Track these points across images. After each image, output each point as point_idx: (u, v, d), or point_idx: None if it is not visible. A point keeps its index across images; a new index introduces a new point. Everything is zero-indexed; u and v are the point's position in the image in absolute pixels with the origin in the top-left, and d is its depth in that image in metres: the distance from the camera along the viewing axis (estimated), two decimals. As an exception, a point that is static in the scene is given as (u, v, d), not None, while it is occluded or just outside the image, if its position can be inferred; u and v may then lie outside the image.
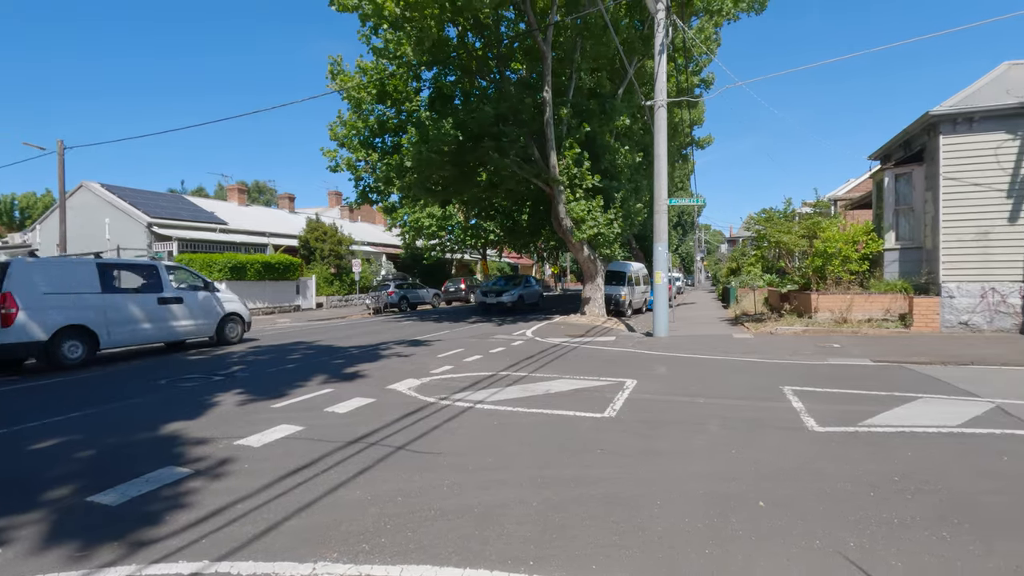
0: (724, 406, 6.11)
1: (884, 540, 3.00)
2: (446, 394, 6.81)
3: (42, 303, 9.38)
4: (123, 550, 2.99)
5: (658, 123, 12.92)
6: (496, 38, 17.48)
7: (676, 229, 70.20)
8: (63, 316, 9.58)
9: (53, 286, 9.63)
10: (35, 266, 9.78)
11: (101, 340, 10.12)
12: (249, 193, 48.72)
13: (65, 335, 9.59)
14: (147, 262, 11.90)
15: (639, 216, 19.80)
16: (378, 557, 2.88)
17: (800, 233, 15.25)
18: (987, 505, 3.42)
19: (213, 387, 7.59)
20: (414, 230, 34.93)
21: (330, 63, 17.38)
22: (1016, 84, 12.56)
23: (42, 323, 9.30)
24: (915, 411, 5.74)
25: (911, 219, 13.77)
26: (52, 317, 9.43)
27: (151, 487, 3.88)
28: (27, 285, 9.26)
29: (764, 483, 3.84)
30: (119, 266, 11.12)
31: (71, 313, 9.70)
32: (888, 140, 15.07)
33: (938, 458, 4.30)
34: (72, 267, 10.20)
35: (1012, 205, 11.91)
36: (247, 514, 3.41)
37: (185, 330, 11.66)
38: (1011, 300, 11.97)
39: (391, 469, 4.20)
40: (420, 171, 16.64)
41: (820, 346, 10.69)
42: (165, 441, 5.03)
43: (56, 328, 9.44)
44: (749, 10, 18.31)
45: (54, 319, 9.45)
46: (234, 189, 35.24)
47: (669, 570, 2.74)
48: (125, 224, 23.67)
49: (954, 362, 8.69)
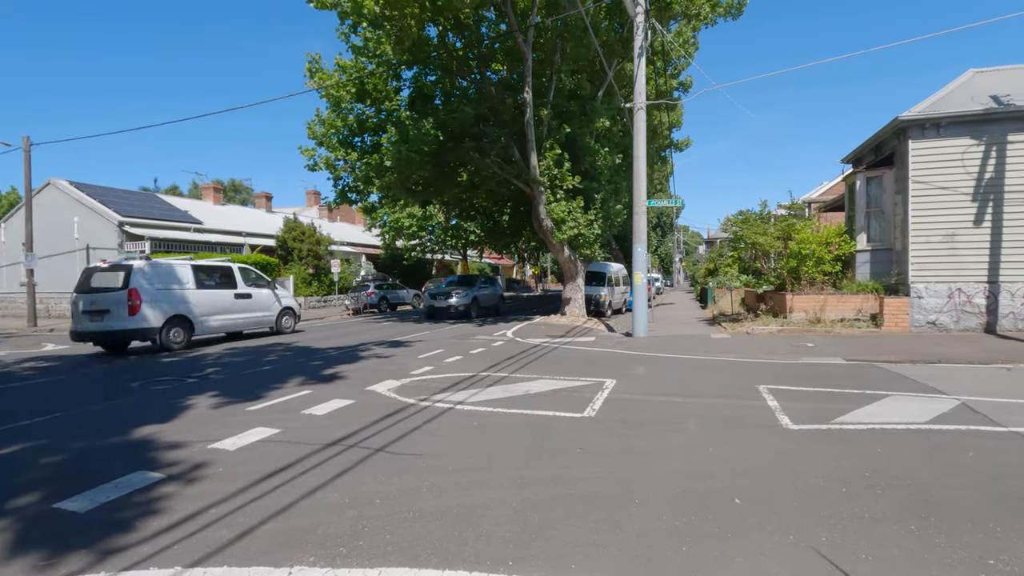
0: (702, 405, 6.19)
1: (855, 534, 3.07)
2: (426, 395, 6.78)
3: (155, 297, 11.57)
4: (92, 557, 2.91)
5: (637, 125, 13.05)
6: (476, 38, 17.47)
7: (655, 230, 70.92)
8: (171, 308, 11.81)
9: (163, 283, 11.83)
10: (150, 267, 11.83)
11: (196, 328, 12.34)
12: (225, 192, 47.84)
13: (171, 323, 11.76)
14: (225, 264, 13.97)
15: (619, 217, 19.96)
16: (356, 560, 2.86)
17: (775, 235, 15.53)
18: (953, 499, 3.53)
19: (186, 390, 7.44)
20: (394, 230, 34.69)
21: (308, 61, 17.16)
22: (980, 91, 12.98)
23: (156, 313, 11.49)
24: (885, 408, 5.89)
25: (882, 221, 14.13)
26: (163, 308, 11.64)
27: (121, 492, 3.78)
28: (145, 283, 11.47)
29: (740, 480, 3.90)
30: (206, 267, 13.24)
31: (176, 305, 11.93)
32: (860, 144, 15.44)
33: (907, 454, 4.42)
34: (175, 268, 12.32)
35: (977, 208, 12.30)
36: (221, 519, 3.35)
37: (254, 320, 13.61)
38: (976, 300, 12.37)
39: (370, 471, 4.17)
40: (400, 171, 16.54)
41: (795, 345, 10.90)
42: (136, 445, 4.91)
43: (166, 317, 11.64)
44: (726, 15, 18.61)
45: (164, 310, 11.66)
46: (209, 188, 34.54)
47: (647, 568, 2.76)
48: (95, 223, 23.04)
49: (922, 360, 8.93)
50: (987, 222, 12.25)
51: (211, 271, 13.21)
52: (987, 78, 13.99)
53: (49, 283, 23.78)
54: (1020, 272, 12.07)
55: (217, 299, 12.96)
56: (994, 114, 12.03)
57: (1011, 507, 3.40)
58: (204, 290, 12.68)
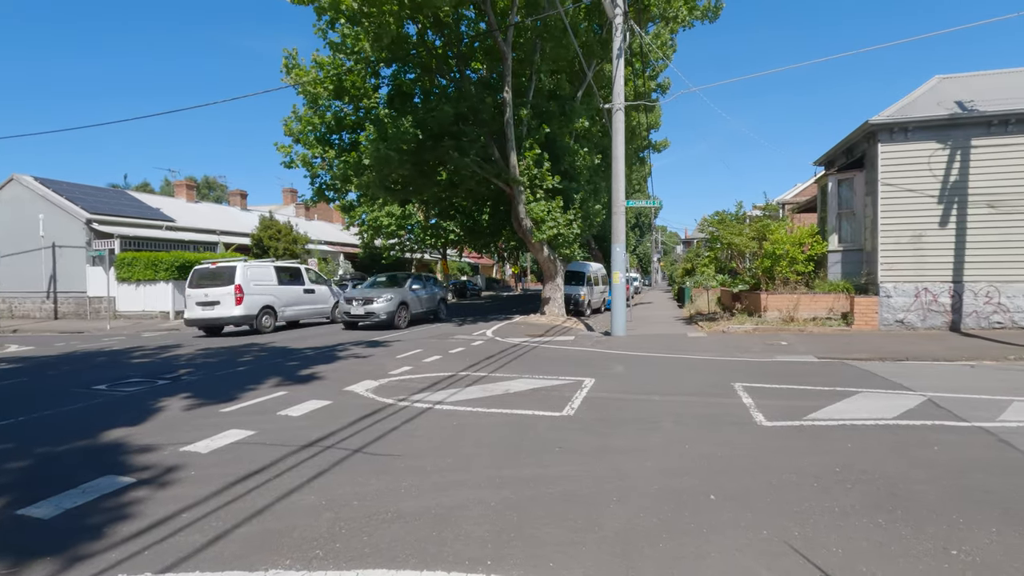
0: (679, 403, 6.28)
1: (826, 528, 3.14)
2: (405, 395, 6.73)
3: (252, 291, 14.76)
4: (56, 565, 2.83)
5: (616, 126, 13.15)
6: (456, 37, 17.40)
7: (634, 230, 71.61)
8: (263, 300, 15.04)
9: (256, 280, 15.05)
10: (248, 267, 15.25)
11: (278, 316, 15.56)
12: (199, 189, 46.82)
13: (264, 312, 14.98)
14: (295, 264, 17.54)
15: (598, 217, 20.09)
16: (332, 562, 2.83)
17: (751, 235, 15.81)
18: (919, 492, 3.64)
19: (158, 392, 7.27)
20: (373, 229, 34.36)
21: (285, 56, 16.89)
22: (946, 97, 13.39)
23: (254, 304, 14.71)
24: (855, 405, 6.05)
25: (853, 222, 14.49)
26: (258, 300, 14.87)
27: (89, 498, 3.68)
28: (245, 279, 14.66)
29: (716, 477, 3.97)
30: (284, 267, 16.62)
31: (267, 298, 15.18)
32: (832, 147, 15.80)
33: (875, 449, 4.54)
34: (264, 268, 15.79)
35: (943, 210, 12.69)
36: (194, 523, 3.28)
37: (316, 311, 15.79)
38: (942, 299, 12.76)
39: (347, 472, 4.13)
40: (379, 169, 16.39)
41: (769, 344, 11.11)
42: (106, 449, 4.78)
43: (260, 307, 14.87)
44: (703, 18, 18.88)
45: (259, 301, 14.89)
46: (182, 185, 33.75)
47: (625, 565, 2.79)
48: (61, 220, 22.32)
49: (891, 358, 9.19)
50: (952, 224, 12.65)
51: (287, 270, 16.62)
52: (953, 84, 14.45)
53: (13, 282, 23.00)
54: (983, 272, 12.49)
55: (292, 293, 16.34)
56: (959, 119, 12.43)
57: (974, 499, 3.52)
58: (283, 286, 16.00)
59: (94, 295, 21.87)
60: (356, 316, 15.36)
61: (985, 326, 12.48)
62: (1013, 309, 12.38)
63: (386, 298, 15.35)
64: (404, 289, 16.35)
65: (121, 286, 21.60)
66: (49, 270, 22.58)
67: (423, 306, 17.23)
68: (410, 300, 16.26)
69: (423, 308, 17.23)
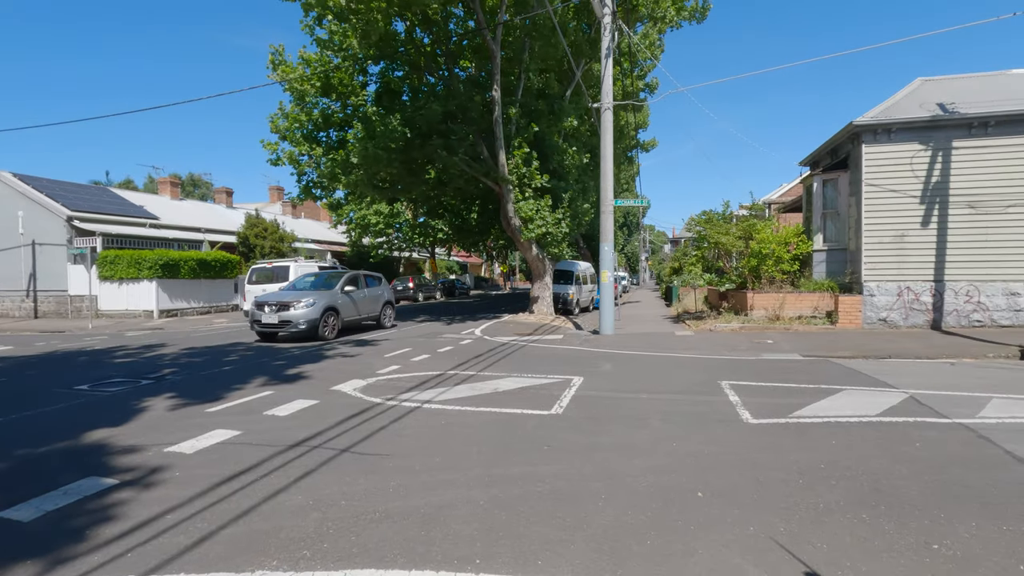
0: (666, 401, 6.32)
1: (811, 524, 3.18)
2: (393, 394, 6.70)
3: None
4: (37, 568, 2.78)
5: (604, 125, 13.19)
6: (445, 34, 17.33)
7: (622, 229, 71.92)
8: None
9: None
10: (298, 267, 17.35)
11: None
12: (183, 187, 46.14)
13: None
14: (334, 268, 19.18)
15: (586, 216, 20.15)
16: (320, 563, 2.81)
17: (737, 234, 15.95)
18: (902, 488, 3.70)
19: (141, 392, 7.16)
20: (360, 227, 34.15)
21: (271, 52, 16.69)
22: (928, 99, 13.61)
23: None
24: (839, 402, 6.13)
25: (837, 222, 14.68)
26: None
27: (71, 499, 3.62)
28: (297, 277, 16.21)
29: (703, 474, 4.00)
30: (324, 267, 18.43)
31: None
32: (817, 147, 15.98)
33: (859, 446, 4.60)
34: (309, 267, 17.79)
35: (924, 210, 12.90)
36: (179, 524, 3.24)
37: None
38: (923, 298, 12.97)
39: (335, 472, 4.10)
40: (367, 168, 16.29)
41: (755, 342, 11.22)
42: (88, 450, 4.71)
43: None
44: (691, 18, 18.97)
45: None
46: (166, 182, 33.24)
47: (613, 562, 2.80)
48: (41, 217, 21.89)
49: (874, 356, 9.33)
50: (934, 224, 12.86)
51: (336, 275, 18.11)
52: (935, 86, 14.68)
53: (-9, 280, 22.50)
54: (963, 272, 12.71)
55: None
56: (940, 121, 12.63)
57: (954, 494, 3.58)
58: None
59: (75, 294, 21.48)
60: (268, 326, 12.50)
61: (965, 324, 12.70)
62: (992, 308, 12.62)
63: (306, 303, 12.58)
64: (334, 291, 13.72)
65: (103, 284, 21.24)
66: (29, 268, 22.15)
67: (360, 311, 14.62)
68: (341, 304, 13.64)
69: (360, 313, 14.63)
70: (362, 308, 14.68)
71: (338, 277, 14.56)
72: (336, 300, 13.57)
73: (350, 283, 14.49)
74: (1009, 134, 12.37)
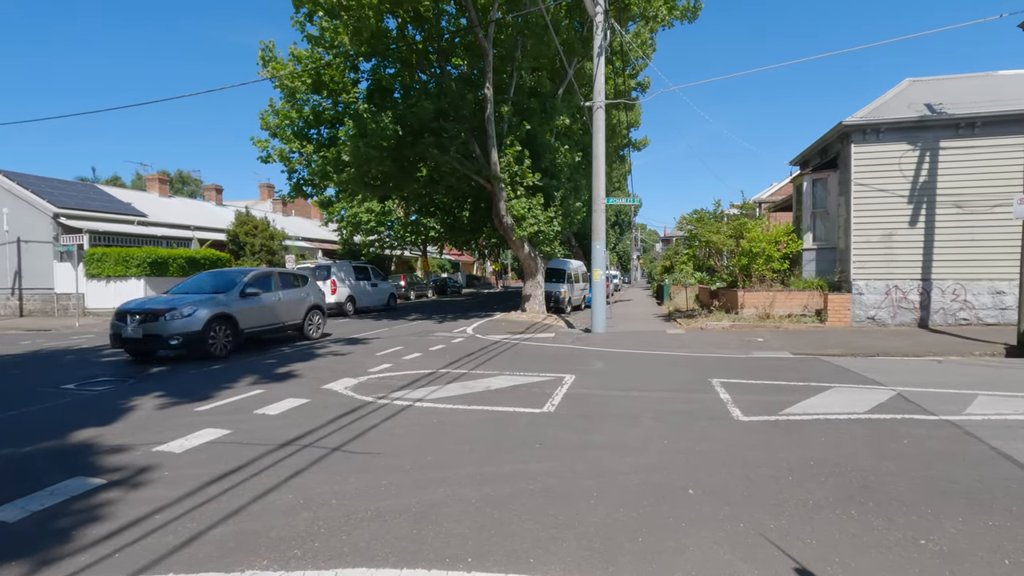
0: (657, 399, 6.34)
1: (800, 521, 3.21)
2: (384, 393, 6.68)
3: (341, 284, 19.86)
4: (22, 569, 2.74)
5: (596, 123, 13.20)
6: (437, 32, 17.26)
7: (614, 228, 72.05)
8: (347, 292, 20.23)
9: (343, 276, 20.31)
10: (337, 265, 20.81)
11: (357, 303, 20.80)
12: (171, 184, 45.68)
13: (348, 300, 20.13)
14: (365, 264, 23.38)
15: (578, 215, 20.16)
16: (311, 562, 2.79)
17: (728, 233, 16.04)
18: (890, 484, 3.74)
19: (130, 391, 7.09)
20: (352, 225, 33.98)
21: (261, 49, 16.57)
22: (916, 99, 13.74)
23: (342, 294, 19.85)
24: (829, 400, 6.18)
25: (827, 221, 14.80)
26: (344, 292, 20.00)
27: (57, 500, 3.57)
28: (338, 276, 20.00)
29: (694, 471, 4.02)
30: (358, 266, 22.11)
31: (348, 290, 20.34)
32: (807, 147, 16.09)
33: (848, 443, 4.65)
34: (347, 266, 21.33)
35: (912, 210, 13.03)
36: (168, 524, 3.21)
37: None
38: (911, 297, 13.11)
39: (325, 471, 4.08)
40: (358, 166, 16.20)
41: (745, 340, 11.30)
42: (74, 450, 4.65)
43: (346, 296, 20.06)
44: (683, 18, 19.04)
45: (345, 293, 20.07)
46: (154, 179, 32.86)
47: (604, 559, 2.81)
48: (26, 214, 21.58)
49: (863, 354, 9.42)
50: (921, 223, 13.00)
51: (360, 269, 22.01)
52: (923, 87, 14.83)
53: (-25, 278, 22.15)
54: (950, 271, 12.86)
55: (365, 287, 21.61)
56: (928, 121, 12.76)
57: (941, 490, 3.63)
58: (358, 281, 21.17)
59: (62, 292, 21.20)
60: (132, 342, 9.47)
61: (952, 323, 12.86)
62: (978, 306, 12.78)
63: (183, 312, 9.44)
64: (229, 295, 10.49)
65: (91, 282, 20.98)
66: (14, 266, 21.83)
67: (271, 318, 11.44)
68: (239, 311, 10.40)
69: (272, 320, 11.46)
70: (275, 314, 11.61)
71: (242, 276, 11.37)
72: (230, 306, 10.29)
73: (256, 284, 11.30)
74: (995, 135, 12.52)
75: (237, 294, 10.69)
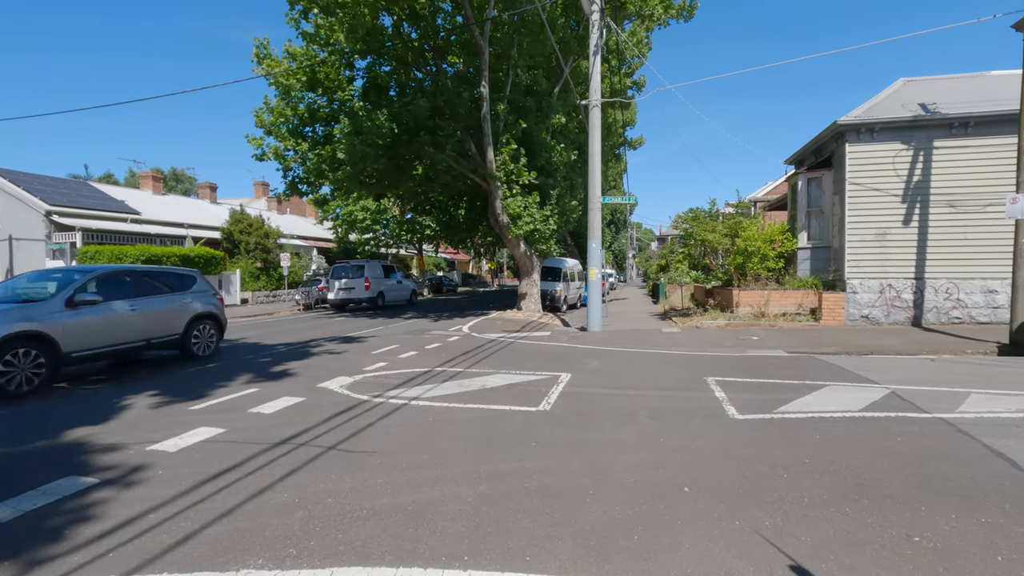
0: (653, 397, 6.35)
1: (795, 518, 3.22)
2: (380, 391, 6.67)
3: (374, 280, 22.44)
4: (15, 569, 2.72)
5: (592, 122, 13.20)
6: (432, 30, 17.21)
7: (609, 227, 72.20)
8: (378, 287, 22.78)
9: (373, 274, 22.60)
10: (368, 264, 22.80)
11: (387, 298, 23.62)
12: (165, 181, 45.42)
13: (380, 295, 22.93)
14: (391, 264, 25.73)
15: (574, 213, 20.16)
16: (306, 561, 2.78)
17: (723, 232, 16.08)
18: (883, 482, 3.76)
19: (123, 389, 7.04)
20: (347, 223, 33.87)
21: (256, 46, 16.47)
22: (910, 99, 13.81)
23: (375, 289, 22.49)
24: (823, 398, 6.21)
25: (821, 220, 14.86)
26: (377, 287, 22.63)
27: (49, 499, 3.54)
28: (372, 274, 22.48)
29: (689, 469, 4.03)
30: (386, 265, 24.27)
31: (380, 286, 22.94)
32: (802, 146, 16.15)
33: (842, 441, 4.67)
34: (377, 265, 23.31)
35: (906, 209, 13.10)
36: (162, 523, 3.19)
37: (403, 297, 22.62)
38: (905, 296, 13.19)
39: (321, 470, 4.06)
40: (353, 164, 16.14)
41: (741, 339, 11.33)
42: (67, 449, 4.62)
43: (377, 292, 22.73)
44: (679, 17, 19.04)
45: (377, 288, 22.72)
46: (148, 176, 32.66)
47: (600, 557, 2.81)
48: (18, 211, 21.41)
49: (857, 352, 9.46)
50: (915, 222, 13.07)
51: (387, 268, 24.30)
52: (917, 87, 14.90)
53: (-34, 276, 21.96)
54: (943, 270, 12.94)
55: (389, 283, 23.95)
56: (921, 121, 12.82)
57: (933, 487, 3.65)
58: (384, 279, 23.54)
59: (55, 290, 21.05)
60: None
61: (945, 321, 12.94)
62: (971, 305, 12.86)
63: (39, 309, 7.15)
64: (49, 304, 7.35)
65: (83, 281, 20.82)
66: (6, 264, 21.65)
67: (118, 335, 8.11)
68: (60, 328, 7.23)
69: (119, 339, 8.13)
70: (131, 329, 8.34)
71: (79, 276, 8.01)
72: (44, 320, 7.12)
73: (101, 288, 8.08)
74: (988, 134, 12.60)
75: (60, 303, 7.42)
